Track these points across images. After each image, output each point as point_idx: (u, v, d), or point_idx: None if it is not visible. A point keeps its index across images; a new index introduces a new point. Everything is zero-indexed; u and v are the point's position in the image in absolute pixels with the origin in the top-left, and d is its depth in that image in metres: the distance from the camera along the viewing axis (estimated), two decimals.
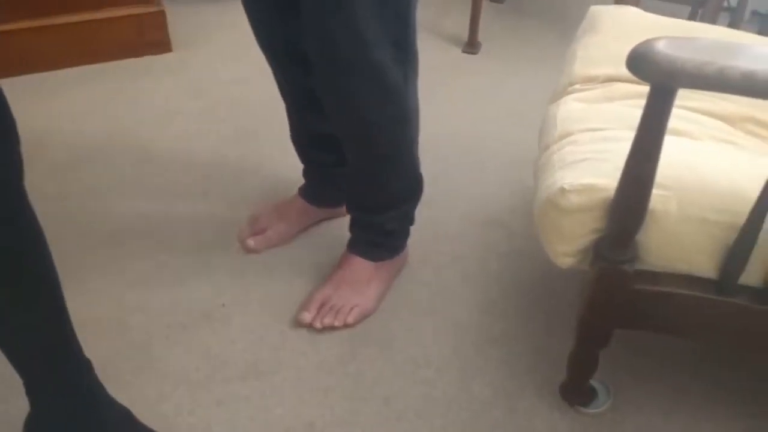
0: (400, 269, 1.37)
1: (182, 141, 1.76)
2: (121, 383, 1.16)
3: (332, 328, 1.25)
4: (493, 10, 2.50)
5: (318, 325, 1.25)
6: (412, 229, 1.36)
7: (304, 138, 1.41)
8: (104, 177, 1.63)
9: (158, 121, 1.84)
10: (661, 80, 0.75)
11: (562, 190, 0.93)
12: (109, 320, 1.27)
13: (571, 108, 1.18)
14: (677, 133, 1.04)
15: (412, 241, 1.38)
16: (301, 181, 1.47)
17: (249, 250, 1.41)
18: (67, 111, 1.86)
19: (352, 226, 1.34)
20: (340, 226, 1.39)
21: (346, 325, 1.25)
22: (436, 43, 2.28)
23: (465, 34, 2.25)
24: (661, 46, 0.75)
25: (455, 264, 1.42)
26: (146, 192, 1.58)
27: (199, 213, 1.53)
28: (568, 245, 0.96)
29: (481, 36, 2.25)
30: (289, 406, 1.13)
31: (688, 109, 1.12)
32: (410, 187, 1.30)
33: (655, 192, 0.89)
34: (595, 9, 1.40)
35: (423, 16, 1.22)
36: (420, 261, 1.41)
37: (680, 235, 0.91)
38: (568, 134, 1.10)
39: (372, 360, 1.21)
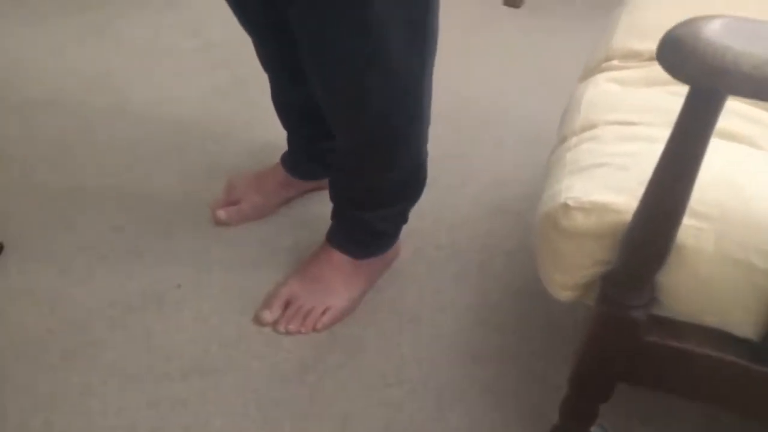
0: (389, 265, 1.17)
1: (167, 87, 1.58)
2: (46, 367, 1.02)
3: (298, 333, 1.08)
4: None
5: (281, 329, 1.07)
6: (410, 212, 1.15)
7: (286, 106, 1.20)
8: (73, 123, 1.46)
9: (144, 61, 1.65)
10: (702, 83, 0.52)
11: (565, 207, 0.72)
12: (48, 291, 1.13)
13: (602, 90, 0.95)
14: (731, 137, 0.80)
15: (407, 230, 1.17)
16: None
17: (219, 222, 1.24)
18: (41, 43, 1.70)
19: (335, 216, 1.13)
20: (327, 201, 1.19)
21: (314, 331, 1.08)
22: None
23: None
24: (711, 31, 0.51)
25: (453, 260, 1.21)
26: (116, 145, 1.42)
27: (171, 175, 1.35)
28: (567, 276, 0.75)
29: None
30: (231, 418, 0.97)
31: (751, 104, 0.87)
32: (411, 184, 1.08)
33: (687, 222, 0.67)
34: None
35: None
36: (413, 254, 1.21)
37: (715, 281, 0.68)
38: (592, 126, 0.87)
39: (335, 371, 1.04)
